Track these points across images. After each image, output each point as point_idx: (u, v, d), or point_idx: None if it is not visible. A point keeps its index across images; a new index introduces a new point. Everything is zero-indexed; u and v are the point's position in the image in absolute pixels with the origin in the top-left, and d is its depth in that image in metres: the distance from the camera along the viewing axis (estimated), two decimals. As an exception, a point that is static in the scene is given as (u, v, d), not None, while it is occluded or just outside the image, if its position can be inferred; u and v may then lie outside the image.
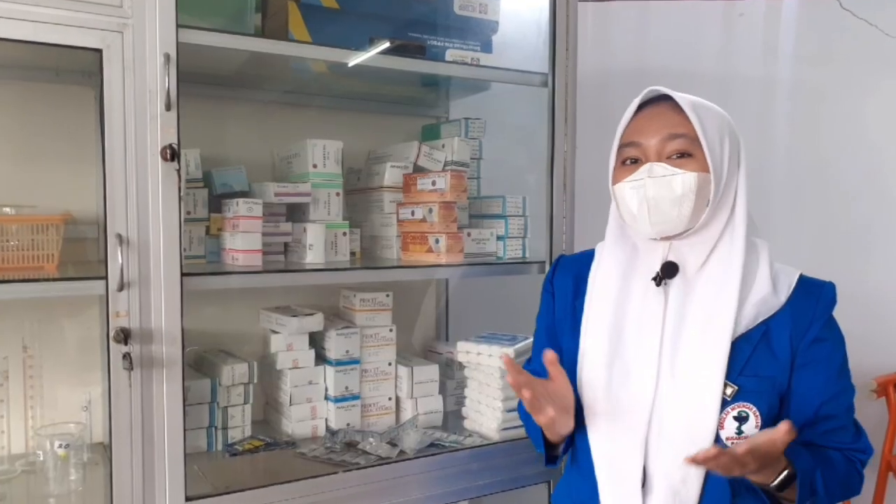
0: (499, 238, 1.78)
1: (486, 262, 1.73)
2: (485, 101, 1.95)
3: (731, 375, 1.05)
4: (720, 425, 1.04)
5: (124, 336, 1.21)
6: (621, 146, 1.13)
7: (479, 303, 2.09)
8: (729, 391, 1.04)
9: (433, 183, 1.67)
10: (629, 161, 1.12)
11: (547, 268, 1.67)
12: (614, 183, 1.14)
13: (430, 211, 1.66)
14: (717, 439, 1.04)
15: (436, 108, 2.06)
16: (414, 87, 1.90)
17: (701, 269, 1.10)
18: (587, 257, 1.25)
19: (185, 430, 1.28)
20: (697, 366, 1.06)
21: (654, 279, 1.11)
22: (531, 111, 1.72)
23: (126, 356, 1.22)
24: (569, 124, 1.67)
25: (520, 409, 1.30)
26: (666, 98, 1.11)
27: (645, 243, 1.15)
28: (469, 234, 1.74)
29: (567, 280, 1.25)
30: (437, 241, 1.64)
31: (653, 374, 1.08)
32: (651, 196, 1.08)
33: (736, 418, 1.04)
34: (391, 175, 1.76)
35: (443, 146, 1.81)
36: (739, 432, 1.04)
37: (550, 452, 1.19)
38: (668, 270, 1.11)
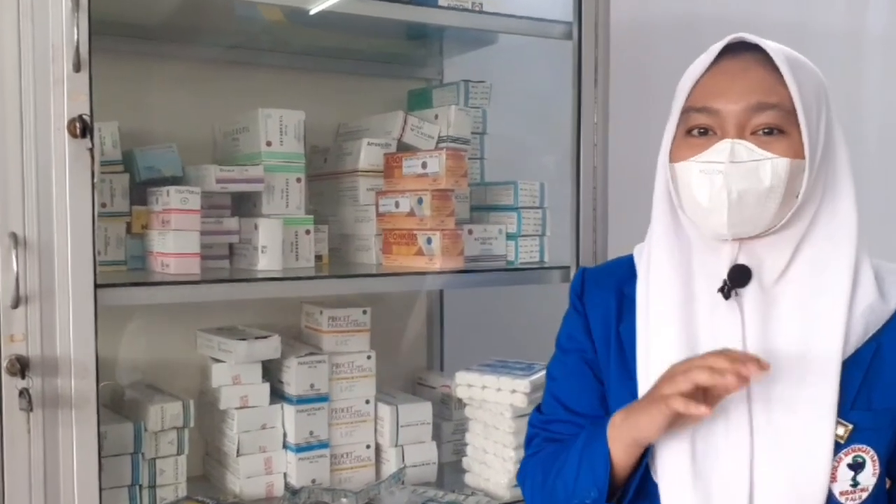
0: (509, 237, 1.79)
1: (492, 269, 1.73)
2: (490, 59, 1.96)
3: (841, 411, 1.04)
4: (832, 477, 1.03)
5: (21, 367, 1.21)
6: (688, 110, 1.09)
7: (483, 321, 2.09)
8: (842, 431, 1.03)
9: (423, 165, 1.67)
10: (698, 132, 1.08)
11: (572, 275, 1.67)
12: (675, 159, 1.10)
13: (420, 201, 1.66)
14: (830, 496, 1.03)
15: (426, 69, 2.07)
16: (398, 41, 1.91)
17: (783, 274, 1.09)
18: (623, 268, 1.22)
19: (100, 489, 1.28)
20: (800, 402, 1.04)
21: (722, 290, 1.09)
22: (551, 71, 1.73)
23: (23, 393, 1.21)
24: (600, 88, 1.67)
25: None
26: (750, 49, 1.07)
27: (704, 240, 1.13)
28: (470, 232, 1.74)
29: (607, 297, 1.21)
30: (428, 240, 1.64)
31: (745, 417, 1.06)
32: (734, 188, 1.03)
33: (850, 466, 1.04)
34: (368, 155, 1.77)
35: (436, 117, 1.82)
36: (855, 484, 1.04)
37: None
38: (739, 277, 1.09)
